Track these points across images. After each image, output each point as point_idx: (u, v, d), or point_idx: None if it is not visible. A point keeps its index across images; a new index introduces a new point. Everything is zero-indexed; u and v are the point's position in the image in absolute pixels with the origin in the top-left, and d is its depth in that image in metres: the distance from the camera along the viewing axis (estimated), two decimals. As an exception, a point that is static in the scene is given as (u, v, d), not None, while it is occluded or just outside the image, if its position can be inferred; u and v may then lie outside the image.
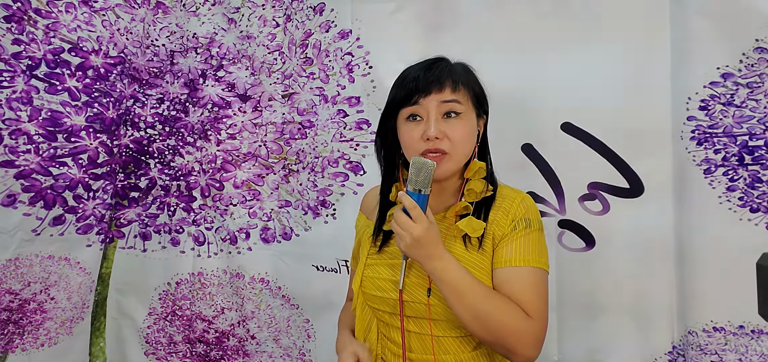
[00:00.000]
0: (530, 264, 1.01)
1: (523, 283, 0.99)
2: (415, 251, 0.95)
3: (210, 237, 1.83)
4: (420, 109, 1.01)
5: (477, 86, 1.08)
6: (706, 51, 1.47)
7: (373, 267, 1.09)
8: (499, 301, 0.97)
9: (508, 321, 0.95)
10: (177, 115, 1.79)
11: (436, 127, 0.99)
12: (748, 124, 1.47)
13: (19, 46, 1.63)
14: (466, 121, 1.03)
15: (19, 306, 1.76)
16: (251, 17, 1.74)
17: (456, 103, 1.01)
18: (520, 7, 1.60)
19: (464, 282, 0.95)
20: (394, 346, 1.06)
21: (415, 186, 0.96)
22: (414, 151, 1.01)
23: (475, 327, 0.95)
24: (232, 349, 1.84)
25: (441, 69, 1.03)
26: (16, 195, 1.67)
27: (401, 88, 1.04)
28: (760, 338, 1.50)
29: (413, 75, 1.03)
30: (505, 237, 1.02)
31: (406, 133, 1.03)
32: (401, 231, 0.95)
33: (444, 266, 0.95)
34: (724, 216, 1.48)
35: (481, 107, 1.09)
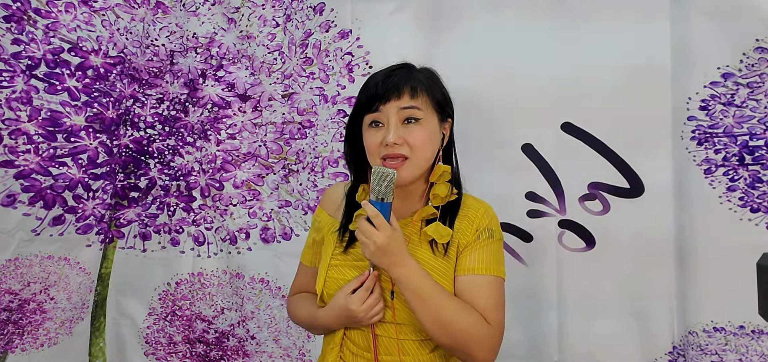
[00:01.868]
0: (492, 273, 1.06)
1: (485, 291, 1.04)
2: (380, 259, 0.98)
3: (210, 238, 1.83)
4: (380, 115, 1.04)
5: (439, 92, 1.11)
6: (706, 51, 1.47)
7: (337, 268, 1.10)
8: (460, 308, 1.00)
9: (468, 328, 1.00)
10: (177, 115, 1.79)
11: (395, 133, 1.01)
12: (749, 123, 1.47)
13: (19, 45, 1.63)
14: (426, 127, 1.05)
15: (19, 306, 1.75)
16: (251, 17, 1.74)
17: (415, 109, 1.04)
18: (519, 7, 1.60)
19: (428, 288, 0.98)
20: (354, 347, 1.08)
21: (378, 195, 0.98)
22: (375, 156, 1.04)
23: (437, 332, 0.99)
24: (232, 349, 1.84)
25: (400, 76, 1.06)
26: (15, 195, 1.67)
27: (364, 94, 1.07)
28: (760, 338, 1.50)
29: (375, 81, 1.06)
30: (469, 246, 1.06)
31: (368, 138, 1.06)
32: (365, 239, 0.98)
33: (408, 273, 0.98)
34: (724, 216, 1.48)
35: (444, 112, 1.11)
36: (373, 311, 1.02)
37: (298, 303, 1.24)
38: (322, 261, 1.14)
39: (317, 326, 1.15)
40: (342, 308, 1.04)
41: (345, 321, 1.06)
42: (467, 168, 1.65)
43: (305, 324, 1.23)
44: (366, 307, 1.01)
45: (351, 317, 1.03)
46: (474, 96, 1.64)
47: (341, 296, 1.04)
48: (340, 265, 1.10)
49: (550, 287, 1.62)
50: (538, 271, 1.63)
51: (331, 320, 1.08)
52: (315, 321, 1.13)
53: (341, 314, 1.05)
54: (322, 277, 1.10)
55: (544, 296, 1.63)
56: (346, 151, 1.15)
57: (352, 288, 1.04)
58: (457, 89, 1.67)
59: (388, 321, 1.05)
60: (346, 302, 1.03)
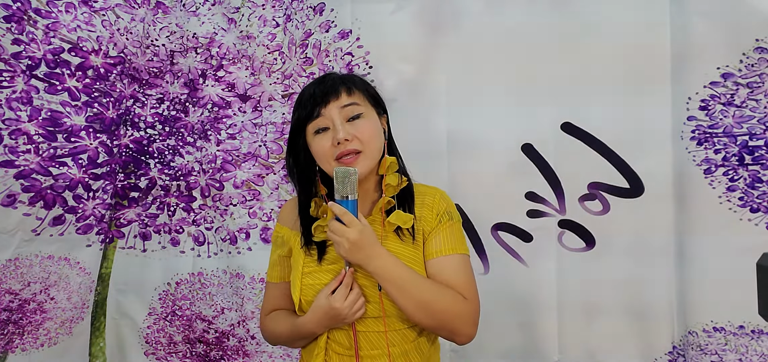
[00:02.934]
0: (458, 251, 1.09)
1: (455, 270, 1.07)
2: (355, 255, 1.00)
3: (210, 237, 1.83)
4: (324, 120, 1.06)
5: (370, 88, 1.14)
6: (706, 51, 1.47)
7: (312, 274, 1.11)
8: (438, 289, 1.04)
9: (449, 306, 1.03)
10: (177, 115, 1.79)
11: (343, 130, 1.04)
12: (748, 124, 1.47)
13: (19, 46, 1.63)
14: (370, 120, 1.08)
15: (19, 306, 1.75)
16: (251, 17, 1.74)
17: (355, 105, 1.07)
18: (519, 7, 1.60)
19: (405, 276, 1.02)
20: (338, 347, 1.09)
21: (343, 193, 1.00)
22: (328, 159, 1.06)
23: (420, 316, 1.02)
24: (232, 349, 1.84)
25: (332, 79, 1.09)
26: (16, 195, 1.67)
27: (302, 107, 1.09)
28: (760, 338, 1.50)
29: (309, 92, 1.09)
30: (433, 231, 1.10)
31: (317, 145, 1.07)
32: (338, 238, 1.00)
33: (384, 263, 1.01)
34: (724, 216, 1.48)
35: (380, 106, 1.14)
36: (356, 306, 1.04)
37: (274, 320, 1.23)
38: (294, 271, 1.14)
39: (300, 335, 1.13)
40: (324, 309, 1.05)
41: (329, 322, 1.07)
42: (467, 168, 1.66)
43: (286, 338, 1.20)
44: (349, 303, 1.03)
45: (335, 316, 1.04)
46: (474, 96, 1.65)
47: (322, 297, 1.05)
48: (313, 271, 1.11)
49: (550, 287, 1.62)
50: (538, 271, 1.63)
51: (315, 324, 1.08)
52: (297, 331, 1.13)
53: (325, 315, 1.05)
54: (298, 285, 1.11)
55: (544, 296, 1.63)
56: (290, 168, 1.16)
57: (331, 289, 1.05)
58: (457, 89, 1.68)
59: (372, 316, 1.07)
60: (329, 302, 1.04)
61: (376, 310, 1.07)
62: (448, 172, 1.65)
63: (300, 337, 1.14)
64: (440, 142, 1.66)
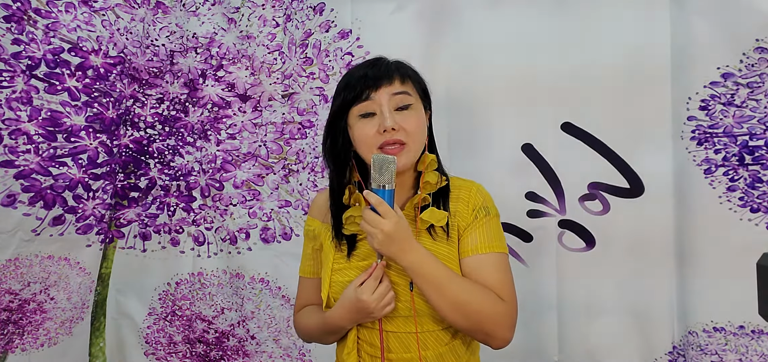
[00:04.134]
0: (495, 250, 1.04)
1: (492, 269, 1.02)
2: (389, 247, 0.95)
3: (210, 237, 1.83)
4: (372, 104, 1.01)
5: (421, 79, 1.10)
6: (706, 51, 1.47)
7: (341, 271, 1.07)
8: (475, 289, 0.99)
9: (485, 308, 0.98)
10: (177, 115, 1.79)
11: (391, 119, 0.99)
12: (749, 124, 1.47)
13: (19, 46, 1.63)
14: (418, 112, 1.04)
15: (19, 306, 1.75)
16: (251, 17, 1.74)
17: (406, 94, 1.03)
18: (519, 7, 1.60)
19: (441, 273, 0.97)
20: (369, 347, 1.05)
21: (379, 183, 0.96)
22: (371, 146, 1.01)
23: (455, 317, 0.97)
24: (232, 349, 1.84)
25: (386, 64, 1.05)
26: (15, 195, 1.67)
27: (349, 89, 1.04)
28: (760, 338, 1.50)
29: (360, 73, 1.04)
30: (469, 227, 1.05)
31: (360, 130, 1.02)
32: (371, 229, 0.95)
33: (419, 259, 0.96)
34: (724, 216, 1.48)
35: (427, 100, 1.11)
36: (384, 300, 0.99)
37: (305, 315, 1.20)
38: (324, 267, 1.11)
39: (329, 329, 1.09)
40: (352, 301, 1.00)
41: (356, 315, 1.02)
42: (467, 168, 1.66)
43: (316, 333, 1.16)
44: (377, 296, 0.98)
45: (362, 310, 0.99)
46: (474, 96, 1.65)
47: (350, 290, 1.01)
48: (343, 268, 1.07)
49: (550, 287, 1.62)
50: (538, 271, 1.63)
51: (341, 317, 1.04)
52: (326, 325, 1.09)
53: (352, 308, 1.01)
54: (327, 282, 1.07)
55: (544, 296, 1.63)
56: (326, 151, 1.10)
57: (360, 281, 1.00)
58: (457, 89, 1.68)
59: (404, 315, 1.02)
60: (356, 294, 0.99)
61: (408, 309, 1.01)
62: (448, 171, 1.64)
63: (329, 332, 1.10)
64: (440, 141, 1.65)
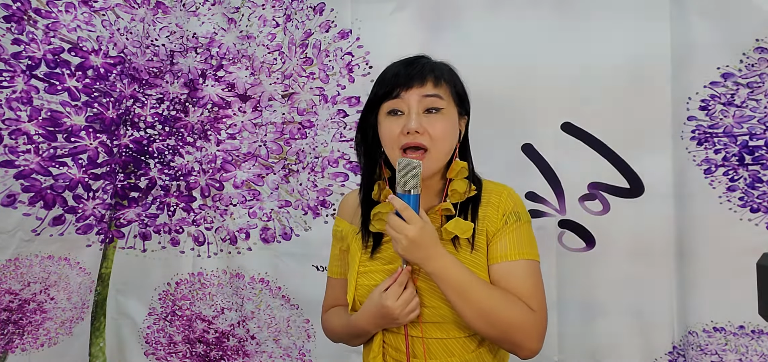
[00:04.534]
0: (525, 257, 1.01)
1: (521, 277, 0.99)
2: (413, 253, 0.94)
3: (210, 237, 1.83)
4: (401, 103, 1.00)
5: (459, 84, 1.08)
6: (706, 51, 1.47)
7: (367, 274, 1.06)
8: (502, 297, 0.96)
9: (513, 316, 0.95)
10: (177, 115, 1.79)
11: (416, 121, 0.98)
12: (749, 123, 1.47)
13: (19, 46, 1.63)
14: (448, 118, 1.02)
15: (19, 306, 1.75)
16: (251, 17, 1.74)
17: (437, 97, 1.00)
18: (519, 7, 1.60)
19: (467, 280, 0.94)
20: (396, 352, 1.04)
21: (405, 187, 0.94)
22: (393, 146, 1.00)
23: (481, 325, 0.95)
24: (232, 349, 1.84)
25: (423, 64, 1.03)
26: (15, 195, 1.67)
27: (382, 84, 1.03)
28: (760, 338, 1.50)
29: (394, 70, 1.03)
30: (498, 233, 1.02)
31: (386, 128, 1.01)
32: (396, 234, 0.94)
33: (444, 265, 0.94)
34: (724, 216, 1.48)
35: (463, 106, 1.08)
36: (409, 307, 0.97)
37: (332, 316, 1.19)
38: (350, 270, 1.10)
39: (354, 333, 1.09)
40: (377, 306, 0.98)
41: (381, 321, 1.00)
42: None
43: (342, 335, 1.15)
44: (401, 303, 0.96)
45: (387, 315, 0.98)
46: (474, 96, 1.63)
47: (375, 294, 0.99)
48: (369, 271, 1.06)
49: (550, 287, 1.62)
50: (538, 271, 1.63)
51: (367, 321, 1.03)
52: (351, 328, 1.08)
53: (377, 313, 0.99)
54: (353, 285, 1.06)
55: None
56: (358, 143, 1.10)
57: (385, 286, 0.98)
58: (457, 89, 1.68)
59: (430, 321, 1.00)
60: (381, 299, 0.97)
61: (435, 315, 1.00)
62: None
63: (354, 335, 1.09)
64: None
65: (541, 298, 1.00)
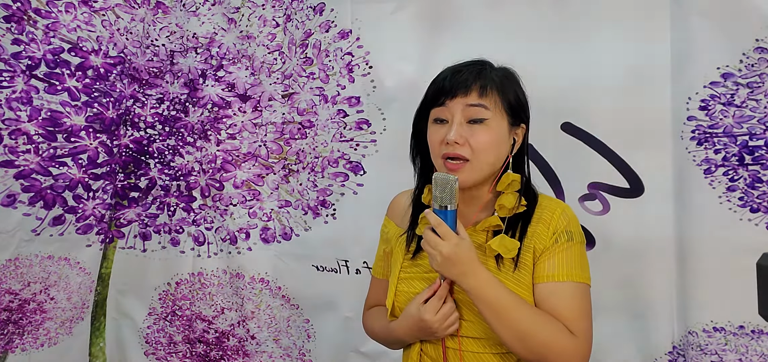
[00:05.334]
0: (573, 279, 0.97)
1: (567, 300, 0.96)
2: (449, 270, 0.92)
3: (210, 237, 1.83)
4: (445, 111, 0.98)
5: (512, 93, 1.03)
6: (706, 51, 1.47)
7: (407, 281, 1.04)
8: (541, 319, 0.93)
9: (551, 341, 0.92)
10: (177, 115, 1.79)
11: (457, 132, 0.95)
12: (748, 124, 1.47)
13: (19, 46, 1.63)
14: (493, 129, 0.98)
15: (19, 306, 1.75)
16: (251, 17, 1.74)
17: (482, 108, 0.97)
18: (519, 7, 1.60)
19: (503, 299, 0.92)
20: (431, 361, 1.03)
21: (441, 202, 0.93)
22: (436, 154, 0.99)
23: (517, 347, 0.93)
24: (232, 349, 1.84)
25: (471, 72, 1.00)
26: (15, 195, 1.67)
27: (432, 88, 1.02)
28: (760, 338, 1.50)
29: (443, 75, 1.01)
30: (547, 251, 0.98)
31: (432, 135, 1.00)
32: (431, 250, 0.92)
33: (480, 284, 0.92)
34: (724, 216, 1.48)
35: (517, 116, 1.03)
36: (448, 321, 0.96)
37: (373, 316, 1.18)
38: (391, 274, 1.08)
39: (392, 339, 1.09)
40: (415, 319, 0.97)
41: (418, 333, 0.99)
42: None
43: (381, 338, 1.15)
44: (440, 317, 0.95)
45: (425, 329, 0.97)
46: (474, 96, 1.64)
47: (414, 306, 0.97)
48: (410, 278, 1.05)
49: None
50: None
51: (404, 332, 1.02)
52: (389, 334, 1.07)
53: (415, 325, 0.98)
54: (393, 291, 1.05)
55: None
56: (412, 148, 1.09)
57: (424, 298, 0.97)
58: (457, 89, 1.68)
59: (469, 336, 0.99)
60: (419, 312, 0.96)
61: (474, 330, 0.98)
62: None
63: (392, 341, 1.09)
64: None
65: (586, 324, 0.97)
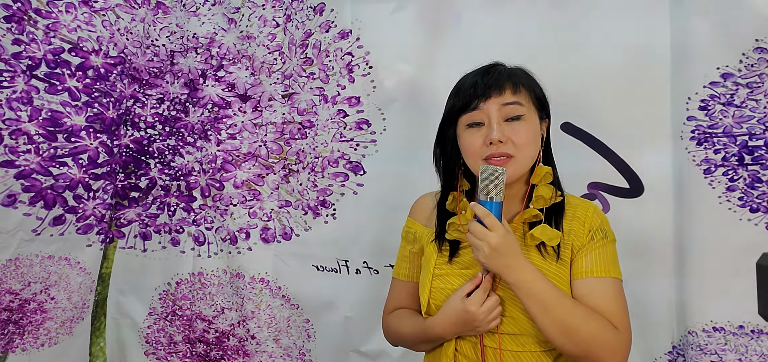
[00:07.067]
0: (611, 274, 0.99)
1: (607, 294, 0.97)
2: (495, 261, 0.91)
3: (210, 237, 1.83)
4: (480, 114, 0.99)
5: (538, 88, 1.06)
6: (706, 51, 1.47)
7: (443, 277, 1.04)
8: (586, 313, 0.94)
9: (597, 334, 0.93)
10: (177, 115, 1.79)
11: (498, 131, 0.96)
12: (748, 124, 1.47)
13: (19, 46, 1.63)
14: (529, 123, 1.00)
15: (19, 306, 1.76)
16: (251, 17, 1.74)
17: (517, 104, 0.98)
18: (519, 7, 1.60)
19: (550, 293, 0.92)
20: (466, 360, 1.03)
21: (487, 194, 0.93)
22: (477, 157, 0.99)
23: (562, 341, 0.92)
24: (232, 349, 1.84)
25: (499, 72, 1.02)
26: (16, 195, 1.67)
27: (459, 97, 1.02)
28: (760, 338, 1.50)
29: (471, 81, 1.01)
30: (584, 248, 1.00)
31: (467, 140, 1.00)
32: (477, 241, 0.91)
33: (526, 277, 0.92)
34: (724, 216, 1.48)
35: (543, 110, 1.06)
36: (492, 314, 0.95)
37: (398, 318, 1.15)
38: (424, 271, 1.08)
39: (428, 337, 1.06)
40: (458, 311, 0.96)
41: (462, 326, 0.98)
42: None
43: (410, 339, 1.12)
44: (486, 309, 0.94)
45: (468, 321, 0.96)
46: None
47: (457, 299, 0.97)
48: (445, 274, 1.04)
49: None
50: (538, 271, 1.63)
51: (445, 327, 1.00)
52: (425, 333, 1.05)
53: (458, 319, 0.97)
54: (427, 287, 1.04)
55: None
56: (436, 158, 1.09)
57: (467, 291, 0.97)
58: (457, 89, 1.67)
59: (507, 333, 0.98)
60: (464, 305, 0.95)
61: (512, 327, 0.98)
62: None
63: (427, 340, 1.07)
64: (440, 142, 1.65)
65: (626, 318, 0.98)
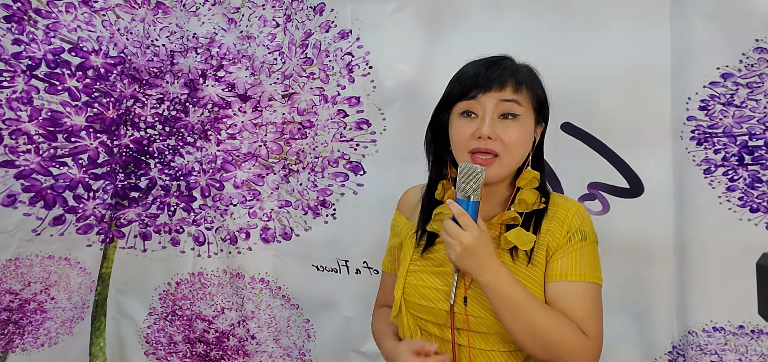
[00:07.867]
0: (586, 279, 0.97)
1: (579, 299, 0.95)
2: (466, 261, 0.91)
3: (210, 237, 1.83)
4: (476, 105, 0.97)
5: (540, 91, 1.04)
6: (706, 51, 1.47)
7: (417, 274, 1.04)
8: (555, 318, 0.93)
9: (564, 340, 0.92)
10: (177, 115, 1.79)
11: (490, 126, 0.94)
12: (748, 124, 1.47)
13: (19, 46, 1.63)
14: (523, 125, 0.98)
15: (19, 306, 1.76)
16: (251, 17, 1.74)
17: (515, 103, 0.97)
18: (519, 7, 1.60)
19: (519, 296, 0.91)
20: None
21: (465, 193, 0.92)
22: (463, 148, 0.97)
23: (529, 344, 0.92)
24: (232, 349, 1.84)
25: (505, 67, 0.99)
26: (16, 195, 1.67)
27: (458, 84, 1.00)
28: (760, 338, 1.50)
29: (473, 70, 1.00)
30: (560, 250, 0.98)
31: (458, 129, 0.98)
32: (450, 240, 0.91)
33: (497, 278, 0.91)
34: (724, 216, 1.48)
35: (541, 114, 1.04)
36: None
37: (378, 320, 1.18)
38: (400, 267, 1.08)
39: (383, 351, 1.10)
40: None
41: None
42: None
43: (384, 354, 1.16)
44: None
45: None
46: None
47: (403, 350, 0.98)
48: (419, 271, 1.04)
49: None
50: (538, 271, 1.63)
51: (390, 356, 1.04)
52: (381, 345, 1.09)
53: None
54: (401, 284, 1.04)
55: (544, 296, 1.63)
56: (427, 142, 1.07)
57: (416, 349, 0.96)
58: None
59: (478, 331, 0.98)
60: None
61: (480, 325, 0.97)
62: None
63: None
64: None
65: (598, 325, 0.96)
